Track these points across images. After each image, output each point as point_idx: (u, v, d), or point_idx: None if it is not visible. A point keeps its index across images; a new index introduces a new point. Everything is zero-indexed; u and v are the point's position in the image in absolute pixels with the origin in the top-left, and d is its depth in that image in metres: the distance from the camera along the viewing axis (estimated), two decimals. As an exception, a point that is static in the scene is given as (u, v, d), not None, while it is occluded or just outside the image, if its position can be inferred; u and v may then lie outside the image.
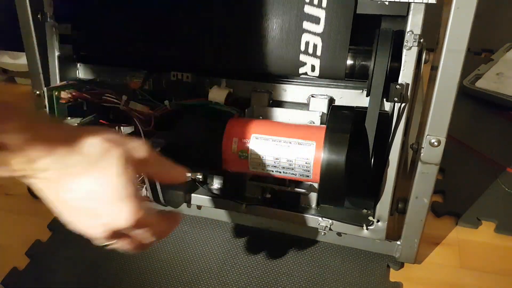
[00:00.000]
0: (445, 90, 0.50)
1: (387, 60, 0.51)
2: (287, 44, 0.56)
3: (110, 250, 0.39)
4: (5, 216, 0.76)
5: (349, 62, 0.56)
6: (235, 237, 0.69)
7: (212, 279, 0.62)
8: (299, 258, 0.65)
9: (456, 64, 0.49)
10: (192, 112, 0.60)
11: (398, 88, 0.51)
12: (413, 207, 0.58)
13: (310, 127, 0.56)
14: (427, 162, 0.54)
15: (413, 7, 0.50)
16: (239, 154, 0.56)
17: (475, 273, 0.63)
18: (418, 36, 0.50)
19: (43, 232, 0.72)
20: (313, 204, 0.63)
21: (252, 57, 0.58)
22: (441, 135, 0.53)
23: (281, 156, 0.54)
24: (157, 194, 0.58)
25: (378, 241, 0.63)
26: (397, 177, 0.57)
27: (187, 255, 0.66)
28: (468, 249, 0.67)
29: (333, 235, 0.66)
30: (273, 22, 0.56)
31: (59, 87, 0.60)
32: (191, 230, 0.71)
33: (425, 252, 0.66)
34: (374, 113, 0.53)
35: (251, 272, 0.63)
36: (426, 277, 0.63)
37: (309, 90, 0.60)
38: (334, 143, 0.51)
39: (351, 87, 0.59)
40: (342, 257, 0.65)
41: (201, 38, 0.60)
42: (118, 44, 0.65)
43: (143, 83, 0.63)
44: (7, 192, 0.82)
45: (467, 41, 0.48)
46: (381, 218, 0.59)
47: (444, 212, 0.74)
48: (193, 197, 0.67)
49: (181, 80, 0.62)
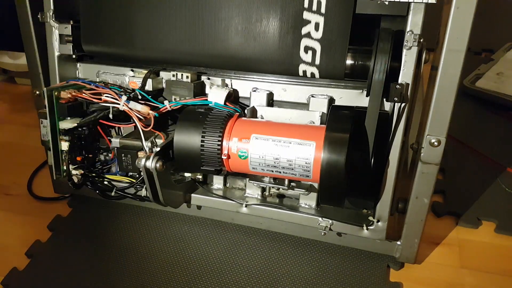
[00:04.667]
0: (445, 90, 0.50)
1: (387, 60, 0.51)
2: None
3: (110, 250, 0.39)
4: (5, 216, 0.76)
5: (349, 62, 0.56)
6: (235, 237, 0.69)
7: (212, 279, 0.62)
8: (299, 258, 0.65)
9: (456, 64, 0.49)
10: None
11: (398, 88, 0.51)
12: (413, 207, 0.58)
13: (310, 127, 0.56)
14: (427, 162, 0.54)
15: (413, 7, 0.50)
16: (239, 154, 0.56)
17: (475, 273, 0.63)
18: (418, 36, 0.50)
19: (43, 232, 0.72)
20: (313, 204, 0.63)
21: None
22: (441, 135, 0.53)
23: (281, 156, 0.54)
24: (157, 194, 0.58)
25: (378, 241, 0.63)
26: (397, 177, 0.57)
27: (187, 255, 0.66)
28: (469, 249, 0.67)
29: (333, 235, 0.66)
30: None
31: (59, 87, 0.60)
32: (191, 230, 0.71)
33: (425, 252, 0.66)
34: (374, 113, 0.53)
35: (251, 272, 0.63)
36: (426, 277, 0.63)
37: (309, 90, 0.60)
38: (334, 143, 0.51)
39: (351, 87, 0.59)
40: (342, 257, 0.65)
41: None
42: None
43: (143, 83, 0.62)
44: (7, 192, 0.82)
45: (467, 41, 0.48)
46: (381, 218, 0.59)
47: (444, 212, 0.74)
48: (193, 197, 0.67)
49: (181, 80, 0.62)
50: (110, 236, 0.70)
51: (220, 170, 0.58)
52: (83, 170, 0.65)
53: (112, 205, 0.76)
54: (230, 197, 0.66)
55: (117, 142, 0.64)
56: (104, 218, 0.74)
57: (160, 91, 0.65)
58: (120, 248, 0.67)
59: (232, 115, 0.59)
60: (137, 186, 0.65)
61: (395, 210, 0.60)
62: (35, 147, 0.89)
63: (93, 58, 0.71)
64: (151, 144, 0.60)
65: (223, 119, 0.57)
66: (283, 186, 0.59)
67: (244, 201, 0.65)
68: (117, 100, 0.59)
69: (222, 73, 0.65)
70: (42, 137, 0.66)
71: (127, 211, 0.75)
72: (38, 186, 0.83)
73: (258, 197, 0.66)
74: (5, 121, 1.08)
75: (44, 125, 0.64)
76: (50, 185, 0.78)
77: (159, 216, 0.74)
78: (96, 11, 0.65)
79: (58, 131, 0.61)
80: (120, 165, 0.63)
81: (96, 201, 0.76)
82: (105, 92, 0.60)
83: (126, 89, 0.64)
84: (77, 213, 0.76)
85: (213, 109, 0.59)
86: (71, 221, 0.74)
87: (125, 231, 0.71)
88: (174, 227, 0.71)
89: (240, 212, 0.65)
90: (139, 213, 0.75)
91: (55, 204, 0.78)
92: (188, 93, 0.62)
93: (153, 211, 0.75)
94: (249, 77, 0.64)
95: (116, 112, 0.61)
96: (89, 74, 0.70)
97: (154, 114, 0.59)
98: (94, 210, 0.76)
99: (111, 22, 0.64)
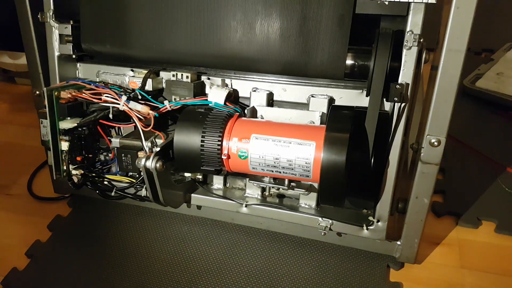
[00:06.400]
0: (445, 90, 0.50)
1: (387, 60, 0.51)
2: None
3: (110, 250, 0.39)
4: (5, 216, 0.76)
5: (349, 62, 0.56)
6: (235, 237, 0.69)
7: (212, 279, 0.62)
8: (299, 258, 0.65)
9: (456, 64, 0.49)
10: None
11: (398, 88, 0.51)
12: (413, 207, 0.58)
13: (310, 127, 0.56)
14: (427, 162, 0.54)
15: (413, 7, 0.50)
16: (239, 154, 0.56)
17: (475, 273, 0.63)
18: (418, 36, 0.50)
19: (43, 232, 0.72)
20: (313, 204, 0.63)
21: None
22: (441, 135, 0.53)
23: (281, 156, 0.54)
24: (157, 194, 0.58)
25: (378, 241, 0.63)
26: (397, 177, 0.57)
27: (187, 255, 0.66)
28: (468, 249, 0.67)
29: (333, 235, 0.66)
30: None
31: (59, 87, 0.60)
32: (191, 230, 0.71)
33: (425, 252, 0.66)
34: (374, 113, 0.53)
35: (251, 272, 0.63)
36: (426, 277, 0.63)
37: (309, 90, 0.60)
38: (334, 143, 0.51)
39: (351, 87, 0.59)
40: (342, 257, 0.65)
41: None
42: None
43: (143, 83, 0.62)
44: (7, 192, 0.82)
45: (467, 40, 0.48)
46: (381, 218, 0.59)
47: (444, 212, 0.74)
48: (193, 197, 0.67)
49: (181, 80, 0.62)
50: (110, 236, 0.70)
51: (220, 170, 0.58)
52: (83, 170, 0.65)
53: (112, 205, 0.76)
54: (230, 197, 0.66)
55: (117, 142, 0.64)
56: (104, 218, 0.74)
57: (160, 91, 0.65)
58: (120, 248, 0.67)
59: (232, 115, 0.59)
60: (137, 186, 0.65)
61: (395, 210, 0.60)
62: (35, 147, 0.89)
63: (93, 58, 0.71)
64: (151, 144, 0.60)
65: (223, 119, 0.57)
66: (283, 186, 0.59)
67: (244, 201, 0.65)
68: (117, 100, 0.59)
69: (222, 73, 0.65)
70: (42, 137, 0.66)
71: (127, 211, 0.75)
72: (38, 186, 0.83)
73: (258, 197, 0.66)
74: (5, 121, 1.08)
75: (44, 125, 0.65)
76: (50, 185, 0.78)
77: (159, 216, 0.74)
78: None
79: (58, 131, 0.61)
80: (120, 165, 0.63)
81: (96, 201, 0.76)
82: (105, 92, 0.60)
83: (126, 89, 0.64)
84: (77, 213, 0.76)
85: (213, 109, 0.59)
86: (71, 221, 0.74)
87: (125, 231, 0.71)
88: (174, 227, 0.72)
89: (240, 212, 0.65)
90: (139, 213, 0.75)
91: (55, 204, 0.78)
92: (188, 93, 0.62)
93: (153, 211, 0.75)
94: (249, 77, 0.64)
95: (116, 112, 0.61)
96: (89, 74, 0.70)
97: (154, 114, 0.59)
98: (94, 210, 0.76)
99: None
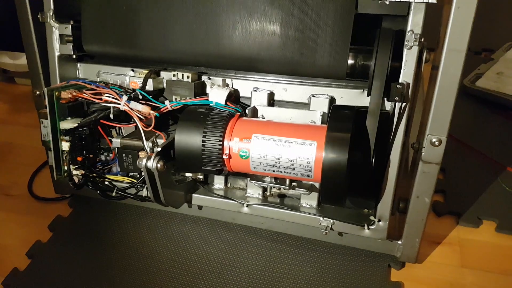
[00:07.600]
0: (445, 90, 0.51)
1: (388, 60, 0.51)
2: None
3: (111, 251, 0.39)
4: (6, 216, 0.76)
5: (350, 61, 0.56)
6: (236, 237, 0.69)
7: (213, 279, 0.62)
8: (300, 258, 0.65)
9: (456, 63, 0.49)
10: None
11: (399, 88, 0.51)
12: (414, 206, 0.58)
13: (311, 127, 0.56)
14: (428, 161, 0.54)
15: (414, 7, 0.50)
16: (240, 154, 0.56)
17: (476, 272, 0.63)
18: (419, 35, 0.50)
19: (44, 232, 0.72)
20: (314, 204, 0.63)
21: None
22: (442, 135, 0.53)
23: (282, 156, 0.54)
24: (158, 194, 0.58)
25: (379, 241, 0.63)
26: (398, 176, 0.57)
27: (188, 255, 0.66)
28: (469, 249, 0.67)
29: (334, 235, 0.66)
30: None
31: (59, 87, 0.60)
32: (192, 230, 0.71)
33: (426, 252, 0.66)
34: (375, 113, 0.53)
35: (252, 272, 0.63)
36: (427, 276, 0.63)
37: (310, 90, 0.60)
38: (336, 142, 0.51)
39: (352, 87, 0.59)
40: (343, 257, 0.65)
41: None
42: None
43: (143, 83, 0.62)
44: (7, 192, 0.82)
45: (467, 40, 0.48)
46: (382, 218, 0.59)
47: (445, 211, 0.74)
48: (194, 197, 0.67)
49: (182, 80, 0.62)
50: (111, 237, 0.70)
51: (221, 170, 0.58)
52: (84, 170, 0.64)
53: (113, 206, 0.76)
54: (231, 197, 0.66)
55: (118, 142, 0.64)
56: (105, 218, 0.74)
57: (161, 91, 0.65)
58: (121, 249, 0.67)
59: (233, 115, 0.59)
60: (138, 186, 0.65)
61: (396, 209, 0.61)
62: (35, 147, 0.89)
63: (94, 58, 0.71)
64: (152, 144, 0.60)
65: (224, 119, 0.57)
66: (284, 186, 0.59)
67: (245, 201, 0.65)
68: (118, 100, 0.59)
69: (223, 73, 0.65)
70: (42, 137, 0.66)
71: (128, 211, 0.75)
72: (38, 186, 0.83)
73: (259, 197, 0.66)
74: (5, 121, 1.08)
75: (45, 125, 0.64)
76: (50, 185, 0.78)
77: (160, 216, 0.74)
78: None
79: (59, 131, 0.61)
80: (121, 165, 0.63)
81: (97, 201, 0.76)
82: (106, 92, 0.60)
83: (127, 89, 0.64)
84: (78, 213, 0.76)
85: (214, 109, 0.59)
86: (72, 221, 0.74)
87: (126, 232, 0.71)
88: (175, 227, 0.72)
89: (241, 212, 0.65)
90: (140, 214, 0.75)
91: (55, 204, 0.78)
92: (189, 93, 0.62)
93: (154, 211, 0.75)
94: (250, 77, 0.64)
95: (116, 112, 0.61)
96: (89, 74, 0.70)
97: (155, 114, 0.59)
98: (94, 211, 0.76)
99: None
